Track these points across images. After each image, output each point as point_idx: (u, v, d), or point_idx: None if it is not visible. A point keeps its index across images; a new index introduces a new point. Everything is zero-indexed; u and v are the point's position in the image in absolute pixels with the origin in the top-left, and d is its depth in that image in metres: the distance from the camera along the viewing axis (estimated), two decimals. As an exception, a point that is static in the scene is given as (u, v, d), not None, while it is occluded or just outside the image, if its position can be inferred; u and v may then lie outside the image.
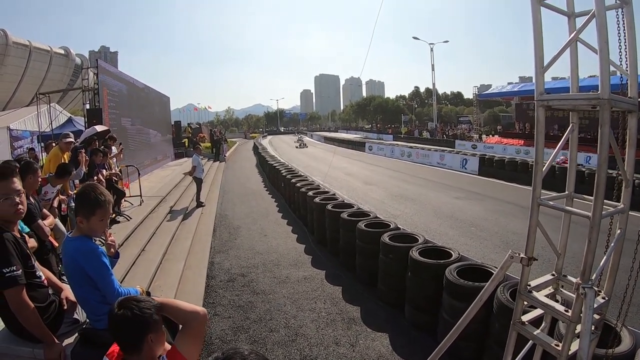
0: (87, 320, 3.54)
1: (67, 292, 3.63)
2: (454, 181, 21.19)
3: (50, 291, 3.58)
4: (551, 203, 3.00)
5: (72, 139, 8.58)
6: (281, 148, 50.09)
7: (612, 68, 2.83)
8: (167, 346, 2.49)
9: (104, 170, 9.80)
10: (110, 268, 3.30)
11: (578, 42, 3.07)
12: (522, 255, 3.12)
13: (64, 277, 3.92)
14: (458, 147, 42.81)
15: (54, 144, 10.72)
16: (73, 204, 6.60)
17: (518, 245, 9.42)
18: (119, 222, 9.90)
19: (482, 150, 37.61)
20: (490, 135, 53.36)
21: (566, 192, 3.33)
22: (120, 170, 12.24)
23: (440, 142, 51.67)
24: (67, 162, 7.73)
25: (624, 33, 2.86)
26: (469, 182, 20.79)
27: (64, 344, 3.43)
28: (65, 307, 3.61)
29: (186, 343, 2.52)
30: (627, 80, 2.94)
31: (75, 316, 3.65)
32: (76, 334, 3.48)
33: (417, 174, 24.38)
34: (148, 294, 3.90)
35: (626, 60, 2.87)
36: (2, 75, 50.24)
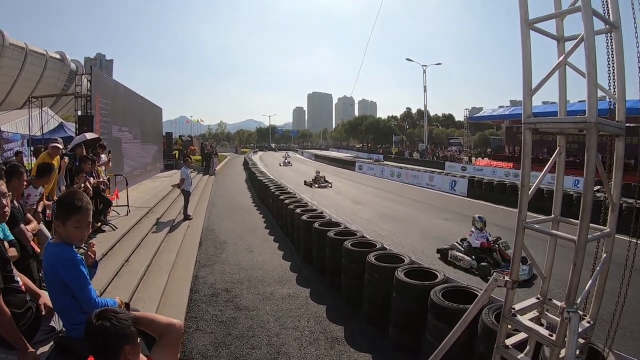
0: (64, 329, 3.48)
1: (45, 298, 3.57)
2: (443, 202, 21.19)
3: (27, 297, 3.52)
4: (536, 226, 2.98)
5: (59, 145, 8.49)
6: (271, 164, 50.05)
7: (601, 93, 2.83)
8: (143, 358, 2.49)
9: (91, 178, 9.70)
10: (87, 277, 3.26)
11: (567, 66, 3.07)
12: (506, 278, 3.09)
13: (45, 284, 3.85)
14: (448, 169, 43.03)
15: (43, 149, 10.63)
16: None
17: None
18: (104, 231, 9.77)
19: (471, 172, 37.78)
20: (480, 158, 53.62)
21: (552, 216, 3.31)
22: (108, 179, 12.14)
23: (431, 163, 51.87)
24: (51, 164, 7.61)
25: (613, 58, 2.87)
26: (457, 204, 20.79)
27: (38, 352, 3.38)
28: (43, 313, 3.55)
29: (162, 355, 2.56)
30: (615, 104, 2.94)
31: (52, 324, 3.60)
32: (52, 343, 3.46)
33: (406, 194, 24.39)
34: (127, 305, 3.87)
35: (614, 85, 2.87)
36: (-4, 76, 49.91)
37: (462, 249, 10.21)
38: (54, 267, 3.14)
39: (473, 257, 9.74)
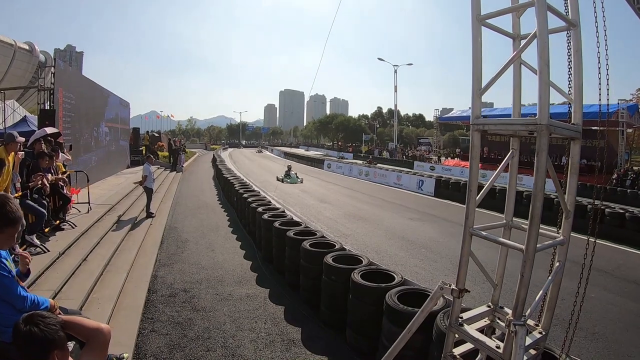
0: None
1: None
2: (409, 202, 21.25)
3: None
4: (484, 233, 2.87)
5: (19, 140, 8.14)
6: (240, 161, 49.83)
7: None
8: None
9: (50, 175, 9.37)
10: (10, 276, 3.19)
11: (522, 66, 2.97)
12: (452, 286, 2.97)
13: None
14: (417, 168, 43.37)
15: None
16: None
17: (469, 267, 9.41)
18: (63, 229, 9.48)
19: (440, 172, 38.16)
20: (450, 158, 54.07)
21: (503, 221, 3.21)
22: (68, 176, 11.79)
23: (400, 162, 52.11)
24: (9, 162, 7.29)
25: (572, 57, 2.77)
26: (424, 204, 20.89)
27: None
28: None
29: (90, 359, 2.62)
30: (572, 106, 2.85)
31: None
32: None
33: (373, 193, 24.41)
34: (64, 309, 3.77)
35: (572, 87, 2.78)
36: (-38, 67, 48.37)
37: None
38: None
39: None
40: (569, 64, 2.80)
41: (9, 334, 2.70)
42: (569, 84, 2.84)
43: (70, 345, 2.92)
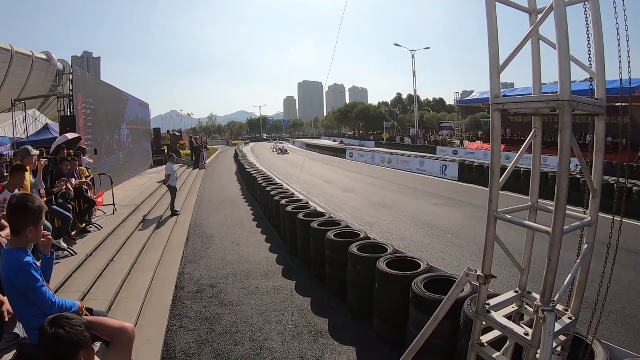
0: (26, 335, 3.49)
1: (9, 305, 3.57)
2: (434, 188, 21.04)
3: None
4: (509, 217, 2.78)
5: (34, 154, 8.24)
6: (262, 155, 49.91)
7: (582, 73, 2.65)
8: None
9: (73, 179, 9.48)
10: (41, 280, 3.25)
11: (541, 42, 2.87)
12: (478, 272, 2.90)
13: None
14: (439, 154, 42.89)
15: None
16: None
17: (496, 252, 9.27)
18: (89, 232, 9.63)
19: (463, 156, 37.68)
20: (472, 141, 53.49)
21: (529, 203, 3.11)
22: (92, 179, 11.93)
23: (422, 148, 51.75)
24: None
25: (591, 29, 2.66)
26: (448, 189, 20.66)
27: None
28: (6, 320, 3.58)
29: (115, 359, 2.65)
30: (594, 81, 2.73)
31: (16, 331, 3.64)
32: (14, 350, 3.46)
33: (396, 180, 24.24)
34: (90, 310, 3.79)
35: (594, 59, 2.67)
36: (-18, 80, 49.25)
37: None
38: (7, 274, 3.17)
39: None
40: (588, 37, 2.69)
41: (36, 335, 2.72)
42: (589, 57, 2.74)
43: (97, 345, 2.94)
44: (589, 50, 2.72)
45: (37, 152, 7.98)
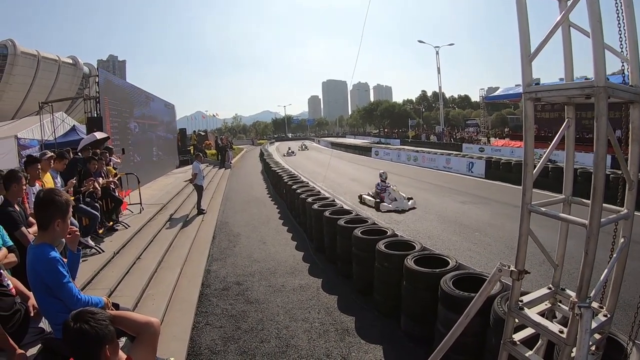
0: (51, 330, 3.51)
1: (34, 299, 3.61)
2: (460, 185, 20.83)
3: (17, 300, 3.61)
4: (543, 209, 2.70)
5: (50, 154, 8.31)
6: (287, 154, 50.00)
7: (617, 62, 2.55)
8: (123, 356, 2.48)
9: (100, 179, 9.58)
10: (68, 275, 3.26)
11: (572, 28, 2.77)
12: (512, 268, 2.81)
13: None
14: (465, 151, 42.52)
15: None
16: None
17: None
18: (117, 230, 9.75)
19: (489, 153, 37.29)
20: (498, 138, 52.88)
21: (562, 196, 3.01)
22: (119, 178, 12.05)
23: (448, 145, 51.32)
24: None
25: (623, 14, 2.56)
26: (475, 186, 20.42)
27: (28, 354, 3.44)
28: (32, 315, 3.64)
29: (141, 353, 2.60)
30: (628, 67, 2.63)
31: (41, 325, 3.68)
32: (40, 344, 3.50)
33: (422, 178, 24.08)
34: (116, 305, 3.81)
35: (626, 45, 2.56)
36: (10, 84, 50.65)
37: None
38: (34, 269, 3.19)
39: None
40: (619, 22, 2.58)
41: (61, 331, 2.72)
42: (620, 43, 2.63)
43: (122, 340, 2.95)
44: (620, 37, 2.62)
45: (51, 153, 8.08)
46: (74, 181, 8.27)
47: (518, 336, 3.01)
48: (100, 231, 8.90)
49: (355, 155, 46.60)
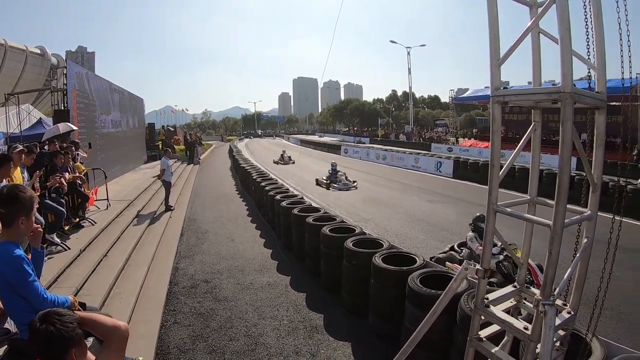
0: (17, 331, 3.43)
1: None
2: (428, 184, 21.07)
3: None
4: (508, 210, 2.77)
5: (21, 148, 8.14)
6: (257, 151, 49.79)
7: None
8: (91, 357, 2.48)
9: (67, 174, 9.40)
10: (33, 274, 3.20)
11: (541, 35, 2.85)
12: (477, 266, 2.87)
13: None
14: (434, 150, 42.98)
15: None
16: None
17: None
18: (83, 226, 9.54)
19: (457, 153, 37.76)
20: (467, 139, 53.58)
21: (527, 197, 3.09)
22: (86, 174, 11.85)
23: (417, 145, 51.79)
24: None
25: (591, 23, 2.64)
26: (442, 185, 20.68)
27: None
28: None
29: (108, 357, 2.53)
30: (595, 75, 2.72)
31: (7, 326, 3.56)
32: (5, 345, 3.42)
33: (391, 177, 24.28)
34: (82, 305, 3.74)
35: (594, 53, 2.65)
36: (-24, 74, 49.17)
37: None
38: None
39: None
40: (587, 31, 2.67)
41: (27, 331, 2.68)
42: (588, 51, 2.72)
43: (89, 341, 2.91)
44: (588, 45, 2.70)
45: (21, 147, 7.91)
46: (40, 173, 8.10)
47: (484, 333, 3.08)
48: (66, 228, 8.72)
49: (324, 152, 46.61)
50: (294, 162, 30.67)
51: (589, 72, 2.77)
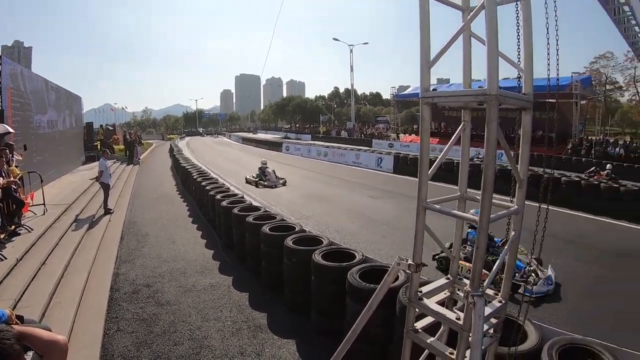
0: None
1: None
2: (369, 180, 21.35)
3: None
4: (437, 207, 2.87)
5: None
6: (199, 150, 49.11)
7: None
8: None
9: (1, 178, 9.03)
10: None
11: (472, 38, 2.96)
12: (409, 261, 2.97)
13: None
14: (375, 146, 43.53)
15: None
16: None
17: (428, 242, 9.45)
18: (19, 234, 9.16)
19: (398, 149, 38.41)
20: (407, 135, 54.49)
21: (457, 194, 3.21)
22: (21, 178, 11.39)
23: (358, 141, 52.31)
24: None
25: (520, 27, 2.77)
26: (383, 181, 21.01)
27: None
28: None
29: None
30: (522, 76, 2.85)
31: None
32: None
33: (332, 173, 24.45)
34: (20, 318, 3.62)
35: (522, 57, 2.78)
36: None
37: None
38: None
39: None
40: (518, 35, 2.79)
41: None
42: (518, 54, 2.84)
43: (29, 355, 2.84)
44: (518, 49, 2.82)
45: None
46: None
47: (421, 324, 3.18)
48: (2, 236, 8.39)
49: (265, 150, 46.43)
50: (284, 184, 20.22)
51: (519, 74, 2.90)
